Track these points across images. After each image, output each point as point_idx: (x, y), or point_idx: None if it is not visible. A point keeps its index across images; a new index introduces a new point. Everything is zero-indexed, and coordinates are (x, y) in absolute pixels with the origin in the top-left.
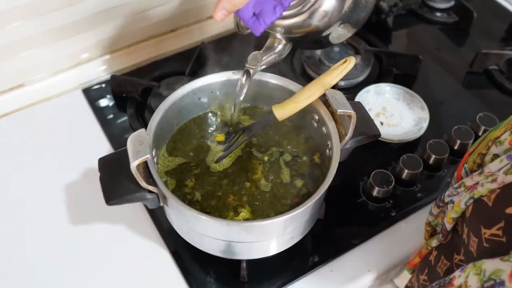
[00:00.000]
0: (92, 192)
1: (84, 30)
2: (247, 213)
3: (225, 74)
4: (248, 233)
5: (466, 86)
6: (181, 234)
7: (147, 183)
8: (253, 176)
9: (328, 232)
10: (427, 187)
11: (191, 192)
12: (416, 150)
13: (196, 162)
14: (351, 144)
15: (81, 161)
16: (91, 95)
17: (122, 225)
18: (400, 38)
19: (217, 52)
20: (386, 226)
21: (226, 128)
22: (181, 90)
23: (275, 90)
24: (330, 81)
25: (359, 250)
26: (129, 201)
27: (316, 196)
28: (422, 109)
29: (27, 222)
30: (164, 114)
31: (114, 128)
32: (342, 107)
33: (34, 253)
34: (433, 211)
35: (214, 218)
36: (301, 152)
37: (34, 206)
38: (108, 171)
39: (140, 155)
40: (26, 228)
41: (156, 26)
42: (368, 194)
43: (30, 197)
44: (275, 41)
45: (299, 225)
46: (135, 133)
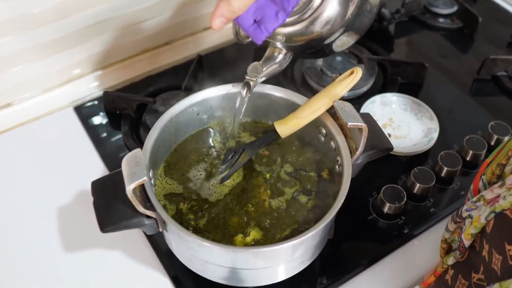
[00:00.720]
0: (86, 217)
1: (75, 45)
2: (257, 234)
3: (224, 87)
4: (255, 259)
5: (473, 94)
6: (182, 260)
7: (145, 207)
8: (258, 194)
9: (338, 252)
10: (439, 201)
11: (193, 216)
12: (426, 162)
13: (196, 182)
14: (362, 159)
15: (73, 183)
16: (83, 112)
17: (118, 251)
18: (403, 45)
19: (214, 65)
20: (398, 244)
21: (226, 145)
22: (178, 106)
23: (277, 103)
24: (337, 93)
25: (371, 271)
26: (126, 228)
27: (328, 217)
28: (430, 119)
29: (15, 250)
30: (161, 131)
31: (108, 147)
32: (352, 120)
33: (23, 283)
34: (449, 227)
35: (219, 245)
36: (308, 168)
37: (23, 232)
38: (102, 195)
39: (136, 177)
40: (14, 257)
41: (149, 39)
42: (378, 211)
43: (19, 222)
44: (275, 51)
45: (309, 249)
46: (130, 154)
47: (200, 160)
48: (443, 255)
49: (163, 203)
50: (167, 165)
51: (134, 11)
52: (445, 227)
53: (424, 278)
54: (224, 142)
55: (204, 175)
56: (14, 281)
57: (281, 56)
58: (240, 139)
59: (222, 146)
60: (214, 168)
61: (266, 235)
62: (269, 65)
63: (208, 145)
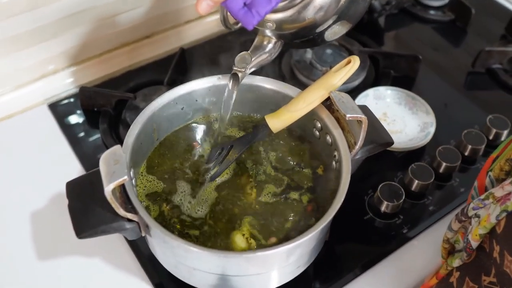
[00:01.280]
0: (62, 222)
1: (48, 38)
2: (247, 233)
3: (210, 79)
4: (248, 265)
5: (468, 88)
6: (167, 267)
7: (125, 210)
8: (249, 193)
9: (333, 255)
10: (438, 199)
11: (178, 218)
12: (423, 158)
13: (181, 181)
14: (361, 154)
15: (48, 186)
16: (58, 110)
17: (97, 258)
18: (393, 39)
19: (198, 59)
20: (397, 245)
21: (213, 142)
22: (161, 99)
23: (268, 95)
24: (334, 84)
25: (369, 275)
26: (105, 233)
27: (327, 218)
28: (426, 113)
29: None
30: (143, 127)
31: (86, 147)
32: (351, 112)
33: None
34: (453, 226)
35: (209, 250)
36: (302, 165)
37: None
38: (78, 197)
39: (116, 176)
40: None
41: (128, 32)
42: (375, 210)
43: None
44: (265, 40)
45: (305, 253)
46: (109, 151)
47: (185, 158)
48: (445, 256)
49: (146, 204)
50: (149, 163)
51: (111, 2)
52: (448, 226)
53: (424, 280)
54: (211, 139)
55: (190, 174)
56: None
57: (270, 45)
58: (228, 135)
59: (209, 142)
60: (201, 166)
61: (261, 236)
62: (258, 54)
63: (194, 141)
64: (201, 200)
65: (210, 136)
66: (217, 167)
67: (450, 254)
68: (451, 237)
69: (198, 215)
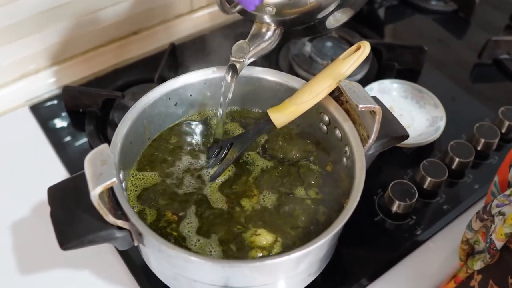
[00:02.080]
0: (46, 233)
1: (28, 34)
2: (267, 235)
3: (204, 72)
4: (255, 275)
5: (475, 79)
6: (164, 279)
7: (115, 216)
8: (252, 194)
9: (342, 261)
10: (452, 197)
11: (175, 224)
12: (433, 154)
13: (177, 183)
14: (375, 148)
15: (30, 194)
16: (40, 112)
17: (85, 271)
18: (394, 30)
19: (190, 55)
20: (411, 248)
21: (210, 140)
22: (152, 94)
23: (270, 88)
24: (342, 73)
25: (382, 282)
26: (92, 243)
27: (341, 221)
28: (435, 106)
29: None
30: (132, 124)
31: (71, 152)
32: (364, 102)
33: None
34: (473, 226)
35: (211, 259)
36: (309, 163)
37: None
38: (61, 204)
39: (103, 179)
40: None
41: (113, 28)
42: (386, 210)
43: None
44: (263, 27)
45: (316, 261)
46: (95, 150)
47: (180, 159)
48: (464, 258)
49: (139, 208)
50: (140, 165)
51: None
52: (467, 226)
53: (439, 286)
54: (208, 137)
55: (186, 175)
56: None
57: (269, 33)
58: (227, 132)
59: (205, 141)
60: (197, 167)
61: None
62: (257, 43)
63: (189, 140)
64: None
65: (206, 134)
66: (217, 167)
67: (469, 256)
68: (471, 237)
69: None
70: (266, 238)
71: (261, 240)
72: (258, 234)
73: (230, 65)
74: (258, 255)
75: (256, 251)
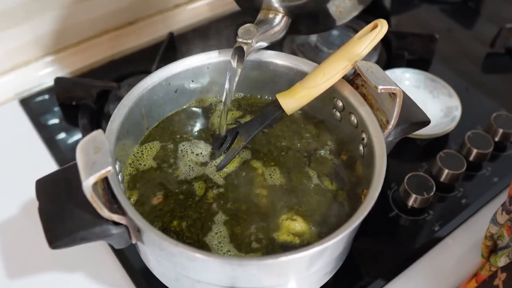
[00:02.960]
0: (36, 232)
1: (16, 23)
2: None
3: (207, 55)
4: (267, 274)
5: (488, 69)
6: (165, 281)
7: (111, 210)
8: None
9: (356, 260)
10: (471, 191)
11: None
12: (448, 146)
13: (179, 175)
14: (394, 135)
15: (21, 192)
16: (31, 106)
17: (78, 274)
18: (401, 21)
19: (189, 45)
20: (429, 245)
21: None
22: (151, 79)
23: (279, 73)
24: (358, 53)
25: (398, 282)
26: (85, 240)
27: (361, 214)
28: (449, 96)
29: None
30: (129, 112)
31: (64, 148)
32: (383, 83)
33: None
34: (498, 219)
35: (219, 257)
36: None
37: None
38: (51, 198)
39: (98, 168)
40: None
41: (109, 18)
42: (401, 205)
43: None
44: (269, 13)
45: (332, 260)
46: (88, 137)
47: (181, 148)
48: (487, 255)
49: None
50: (138, 155)
51: None
52: (492, 219)
53: (459, 286)
54: (212, 125)
55: (188, 167)
56: None
57: (277, 19)
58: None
59: (209, 130)
60: (201, 158)
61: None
62: (264, 29)
63: (191, 130)
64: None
65: (210, 123)
66: (223, 156)
67: (492, 253)
68: (495, 232)
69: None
70: (301, 225)
71: (295, 226)
72: (294, 219)
73: (237, 47)
74: (289, 239)
75: (288, 235)
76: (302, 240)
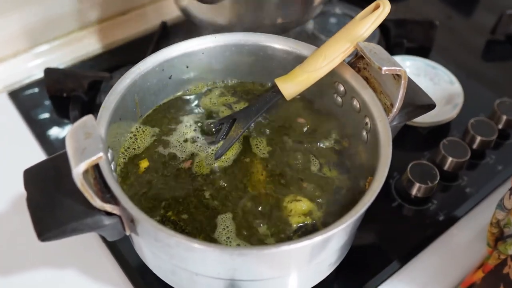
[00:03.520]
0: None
1: (4, 12)
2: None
3: (203, 40)
4: (269, 265)
5: (488, 57)
6: (160, 274)
7: (103, 200)
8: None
9: (359, 253)
10: (475, 179)
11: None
12: (451, 134)
13: (175, 164)
14: (399, 119)
15: (10, 187)
16: (20, 99)
17: (70, 270)
18: (398, 7)
19: (184, 33)
20: (434, 235)
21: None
22: (144, 65)
23: (277, 58)
24: (360, 35)
25: (403, 274)
26: (76, 232)
27: (367, 200)
28: (451, 83)
29: None
30: (122, 99)
31: (55, 140)
32: (387, 64)
33: None
34: (506, 204)
35: (219, 247)
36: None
37: None
38: (39, 188)
39: (88, 154)
40: None
41: (99, 8)
42: (404, 195)
43: None
44: None
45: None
46: (78, 123)
47: (176, 138)
48: (492, 243)
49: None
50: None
51: None
52: (498, 205)
53: (465, 278)
54: (207, 114)
55: (184, 155)
56: None
57: None
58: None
59: (203, 118)
60: (197, 147)
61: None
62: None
63: (186, 117)
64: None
65: (205, 111)
66: (221, 143)
67: (498, 241)
68: (502, 218)
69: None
70: (307, 204)
71: (301, 206)
72: (299, 200)
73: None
74: (301, 221)
75: (299, 217)
76: (313, 219)
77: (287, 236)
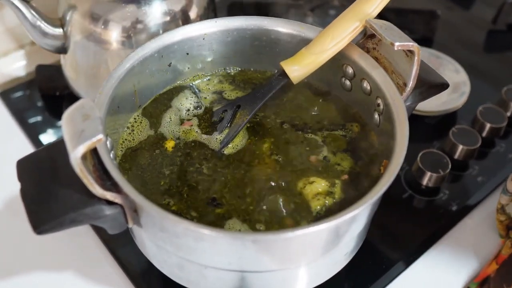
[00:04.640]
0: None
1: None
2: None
3: (204, 24)
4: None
5: (490, 47)
6: (166, 271)
7: (103, 188)
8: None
9: (370, 247)
10: (485, 168)
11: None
12: (459, 122)
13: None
14: (412, 99)
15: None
16: (12, 99)
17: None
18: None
19: None
20: (447, 227)
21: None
22: (142, 51)
23: (281, 42)
24: (369, 12)
25: (419, 267)
26: (74, 223)
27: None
28: (456, 72)
29: None
30: (120, 86)
31: (49, 141)
32: (400, 39)
33: None
34: (509, 188)
35: (232, 233)
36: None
37: None
38: (35, 178)
39: (87, 136)
40: None
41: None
42: (414, 185)
43: None
44: None
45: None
46: (75, 105)
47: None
48: (504, 232)
49: None
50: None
51: None
52: (503, 189)
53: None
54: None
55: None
56: None
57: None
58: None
59: (206, 106)
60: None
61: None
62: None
63: (188, 106)
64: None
65: (207, 99)
66: (226, 130)
67: (510, 230)
68: (506, 203)
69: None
70: (321, 183)
71: (316, 187)
72: (312, 181)
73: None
74: (321, 203)
75: (318, 199)
76: (333, 197)
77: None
